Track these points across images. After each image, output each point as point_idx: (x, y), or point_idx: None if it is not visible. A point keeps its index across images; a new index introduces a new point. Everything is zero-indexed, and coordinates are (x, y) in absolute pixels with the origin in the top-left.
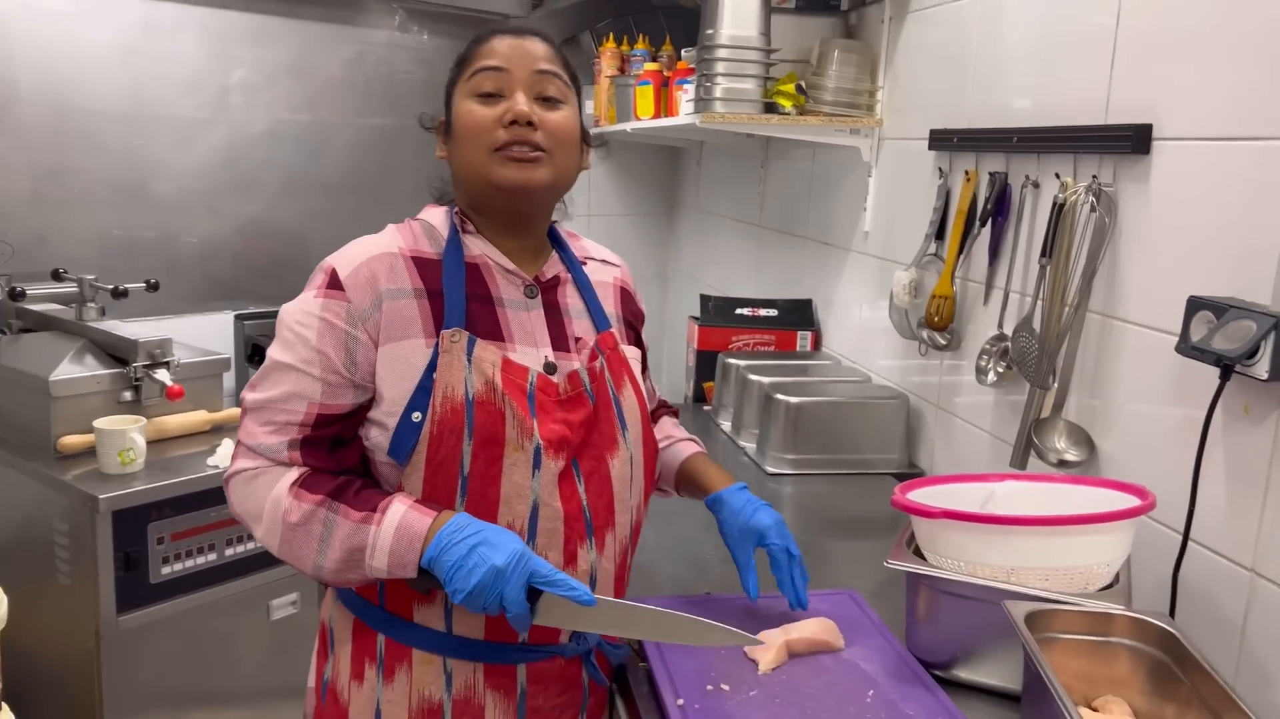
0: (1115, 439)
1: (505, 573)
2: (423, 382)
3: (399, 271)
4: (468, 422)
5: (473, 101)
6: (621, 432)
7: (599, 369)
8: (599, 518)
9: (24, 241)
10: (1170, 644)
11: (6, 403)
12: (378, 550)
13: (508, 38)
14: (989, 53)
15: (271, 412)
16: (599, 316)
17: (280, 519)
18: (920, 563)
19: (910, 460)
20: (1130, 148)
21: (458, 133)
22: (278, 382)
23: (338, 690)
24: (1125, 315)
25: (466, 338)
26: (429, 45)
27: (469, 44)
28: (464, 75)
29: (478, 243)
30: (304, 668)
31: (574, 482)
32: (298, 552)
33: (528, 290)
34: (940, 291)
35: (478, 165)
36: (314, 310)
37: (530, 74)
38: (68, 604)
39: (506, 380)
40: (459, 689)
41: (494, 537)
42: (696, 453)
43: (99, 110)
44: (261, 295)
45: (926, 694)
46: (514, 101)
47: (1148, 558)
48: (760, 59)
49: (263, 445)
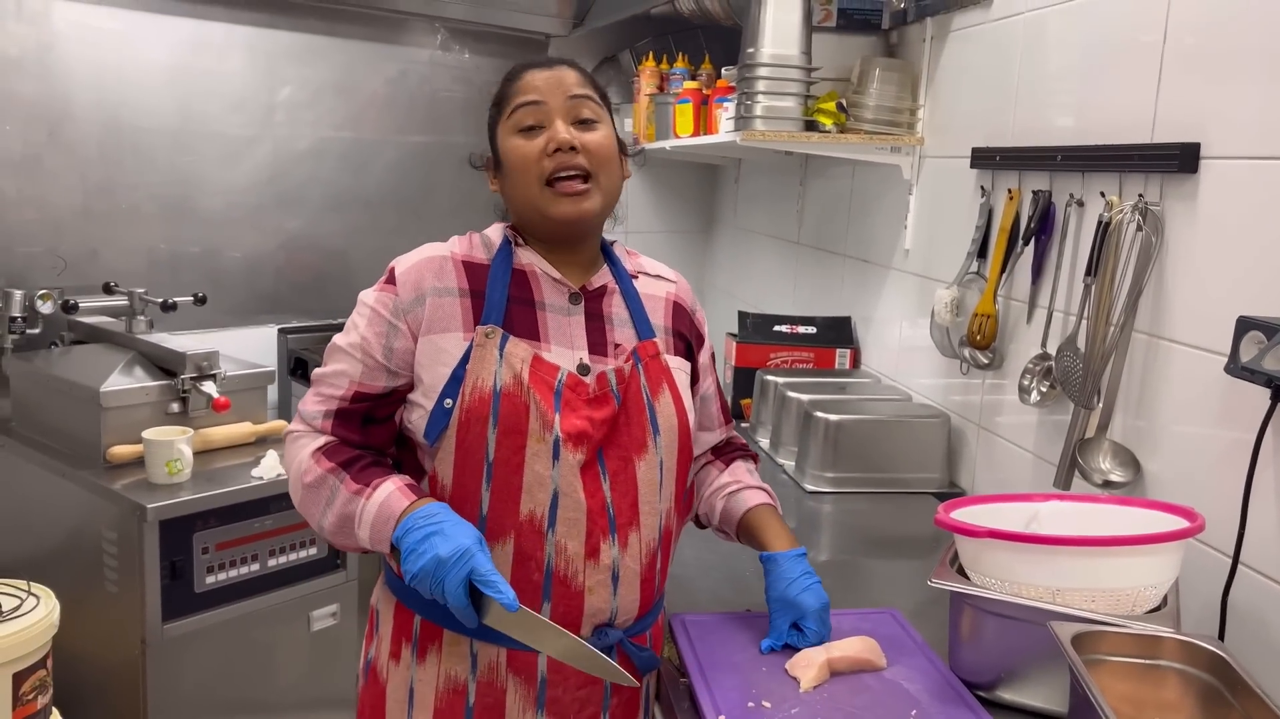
0: (1162, 460)
1: (446, 564)
2: (456, 371)
3: (447, 272)
4: (493, 411)
5: (517, 137)
6: (653, 435)
7: (628, 372)
8: (623, 515)
9: (76, 255)
10: (1221, 668)
11: (58, 413)
12: (362, 522)
13: (539, 72)
14: (1032, 71)
15: (322, 384)
16: (643, 325)
17: (300, 478)
18: (965, 582)
19: (951, 480)
20: (1177, 166)
21: (507, 168)
22: (333, 359)
23: (378, 669)
24: (1172, 335)
25: (500, 334)
26: (470, 64)
27: (503, 84)
28: (504, 114)
29: (528, 253)
30: (344, 680)
31: (598, 477)
32: (308, 509)
33: (571, 298)
34: (982, 310)
35: (531, 198)
36: (369, 301)
37: (565, 101)
38: (115, 612)
39: (534, 376)
40: (483, 671)
41: (451, 529)
42: (763, 504)
43: (149, 127)
44: (304, 310)
45: (970, 715)
46: (554, 130)
47: (1195, 581)
48: (801, 77)
49: (307, 412)
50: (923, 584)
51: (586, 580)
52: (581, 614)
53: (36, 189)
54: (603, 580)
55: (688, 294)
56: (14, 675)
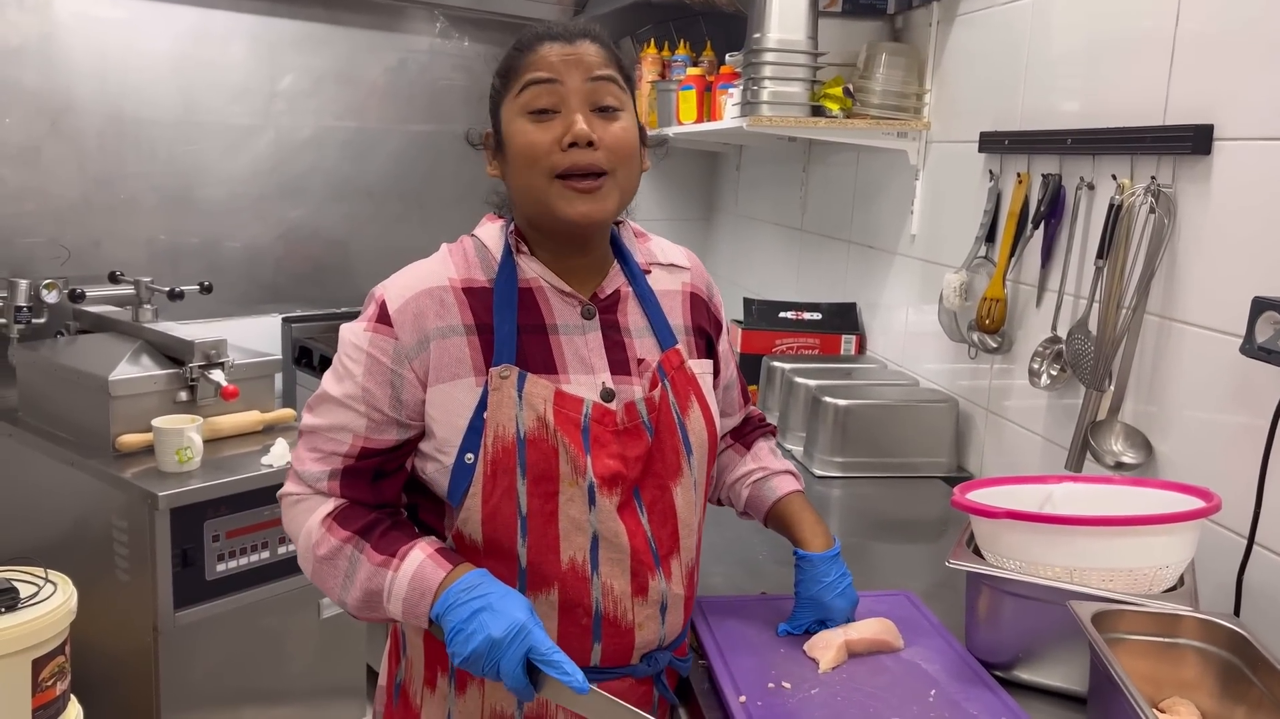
0: (1174, 441)
1: (502, 644)
2: (473, 422)
3: (449, 306)
4: (520, 460)
5: (525, 120)
6: (686, 457)
7: (658, 399)
8: (664, 546)
9: (78, 246)
10: (1240, 646)
11: (66, 402)
12: (393, 597)
13: (556, 44)
14: (1040, 54)
15: (319, 439)
16: (663, 333)
17: (311, 550)
18: (982, 563)
19: (959, 464)
20: (1190, 148)
21: (512, 155)
22: (328, 411)
23: (410, 694)
24: (1185, 317)
25: (516, 374)
26: (470, 51)
27: (512, 51)
28: (512, 89)
29: (533, 265)
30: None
31: (636, 514)
32: (325, 583)
33: (584, 312)
34: (991, 294)
35: (538, 192)
36: (362, 344)
37: (584, 83)
38: (126, 600)
39: (559, 415)
40: (531, 707)
41: (499, 603)
42: (793, 493)
43: (151, 118)
44: (305, 299)
45: (989, 694)
46: (572, 121)
47: (1210, 561)
48: (807, 62)
49: (307, 473)
50: (934, 567)
51: (636, 617)
52: (632, 649)
53: (39, 179)
54: (652, 614)
55: (703, 279)
56: (33, 662)
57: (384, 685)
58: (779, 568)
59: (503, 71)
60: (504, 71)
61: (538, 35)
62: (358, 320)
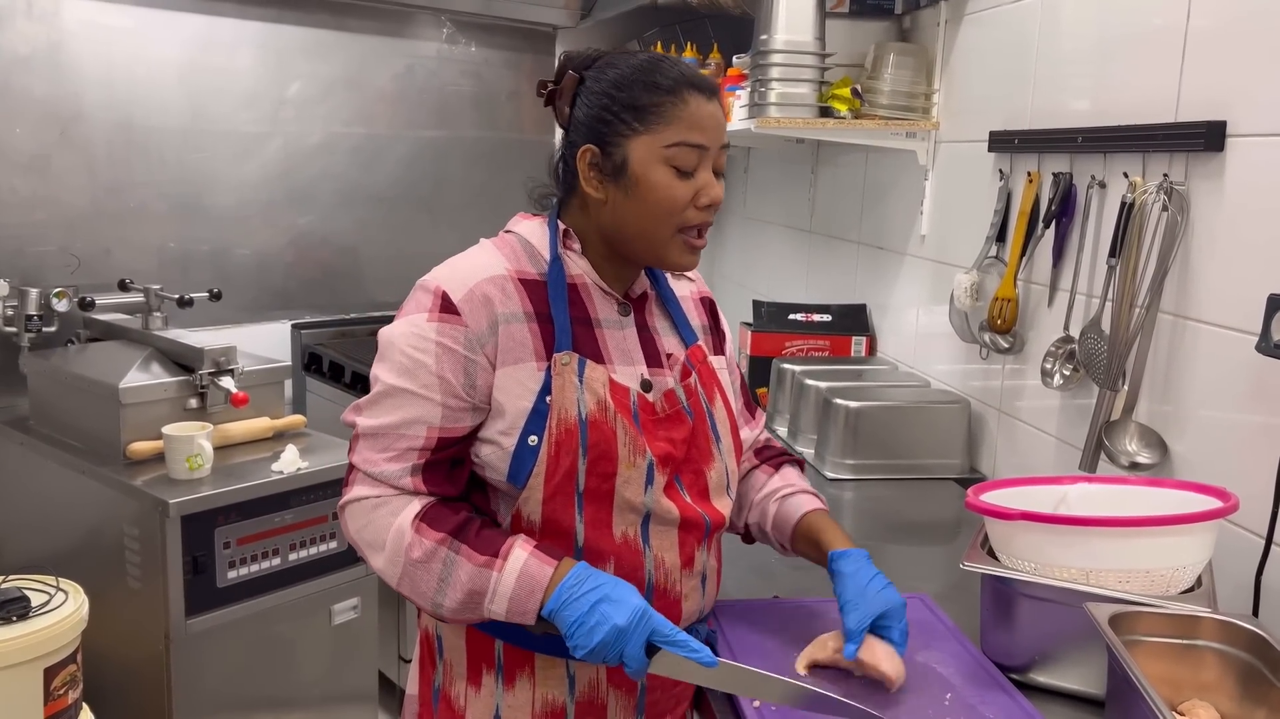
0: (1189, 441)
1: (627, 632)
2: (537, 405)
3: (510, 295)
4: (582, 440)
5: (666, 171)
6: (715, 443)
7: (694, 385)
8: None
9: (88, 254)
10: (1260, 647)
11: (76, 410)
12: (498, 596)
13: (703, 100)
14: (1050, 53)
15: (390, 438)
16: (685, 330)
17: (403, 553)
18: (997, 565)
19: (972, 465)
20: (1203, 145)
21: (643, 197)
22: (395, 407)
23: (452, 698)
24: (1199, 315)
25: (577, 359)
26: (478, 57)
27: (655, 92)
28: (655, 132)
29: (579, 262)
30: (365, 673)
31: (678, 492)
32: (418, 588)
33: (621, 309)
34: (1003, 294)
35: (657, 240)
36: (429, 334)
37: (718, 150)
38: (138, 607)
39: (615, 400)
40: (582, 690)
41: (614, 591)
42: (819, 509)
43: (159, 125)
44: (316, 305)
45: (1005, 697)
46: (709, 184)
47: (1227, 562)
48: (815, 63)
49: (384, 472)
50: (948, 569)
51: (683, 588)
52: (680, 619)
53: (48, 188)
54: (695, 586)
55: (706, 288)
56: (45, 670)
57: (416, 694)
58: (792, 572)
59: (639, 109)
60: (641, 108)
61: (684, 82)
62: (413, 314)
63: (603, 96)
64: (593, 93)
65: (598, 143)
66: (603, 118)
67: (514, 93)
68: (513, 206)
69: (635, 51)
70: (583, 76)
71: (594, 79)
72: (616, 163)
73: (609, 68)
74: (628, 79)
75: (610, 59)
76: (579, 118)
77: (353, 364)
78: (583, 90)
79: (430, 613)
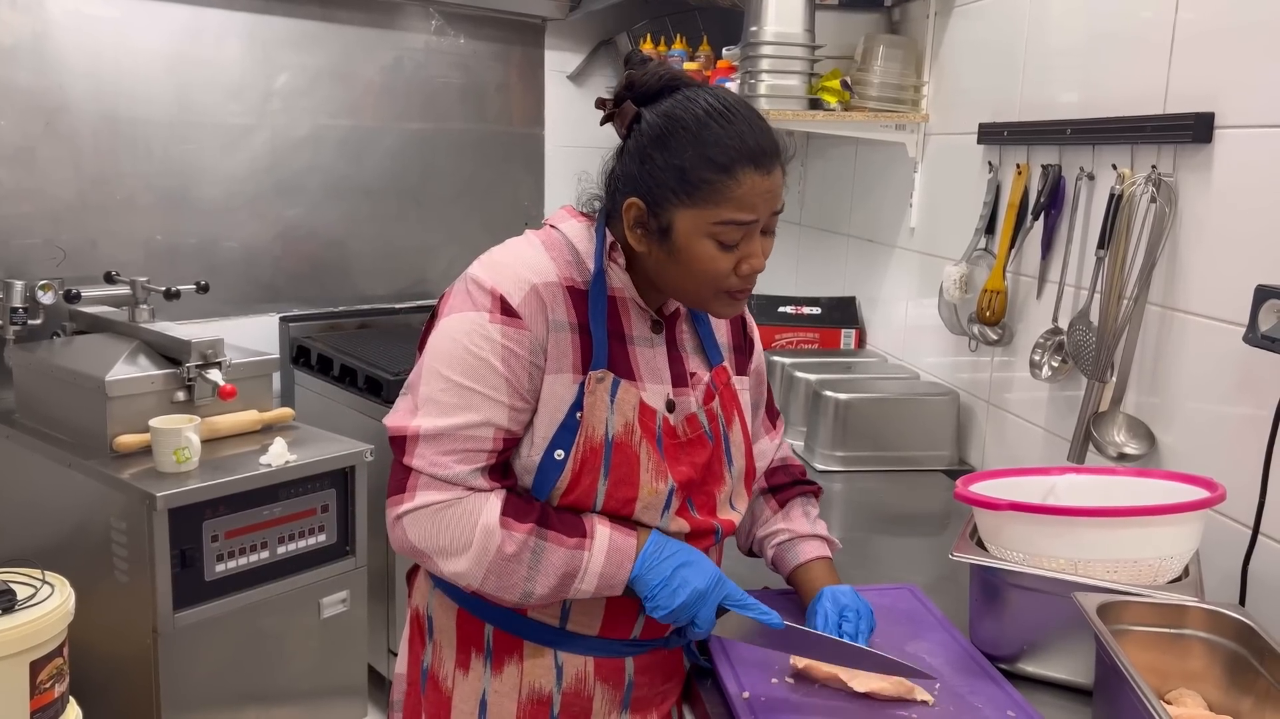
0: (1177, 432)
1: (706, 595)
2: (567, 420)
3: (559, 303)
4: (605, 461)
5: (714, 246)
6: (728, 467)
7: (715, 410)
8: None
9: (74, 246)
10: (1247, 636)
11: (62, 403)
12: (588, 574)
13: (759, 176)
14: (1039, 46)
15: (457, 439)
16: (712, 351)
17: (495, 551)
18: (986, 555)
19: (961, 457)
20: (1192, 137)
21: (684, 263)
22: (462, 408)
23: (440, 678)
24: (1187, 307)
25: (611, 379)
26: (466, 49)
27: (712, 168)
28: (706, 211)
29: (620, 276)
30: (354, 666)
31: (690, 513)
32: (506, 581)
33: (654, 326)
34: (992, 286)
35: (699, 298)
36: (494, 336)
37: (768, 216)
38: (125, 601)
39: (642, 424)
40: (569, 682)
41: (690, 556)
42: (818, 559)
43: (146, 117)
44: (304, 298)
45: (993, 687)
46: (752, 255)
47: (1214, 552)
48: (805, 55)
49: (456, 474)
50: (937, 560)
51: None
52: (670, 626)
53: (34, 180)
54: None
55: None
56: (31, 664)
57: (403, 674)
58: None
59: (690, 181)
60: (692, 184)
61: (742, 158)
62: (470, 312)
63: (655, 152)
64: (646, 141)
65: (645, 199)
66: (653, 175)
67: (502, 85)
68: (501, 198)
69: (700, 91)
70: (640, 112)
71: (647, 122)
72: (662, 225)
73: (667, 116)
74: (683, 141)
75: (673, 105)
76: (631, 158)
77: (341, 357)
78: (638, 130)
79: (515, 603)
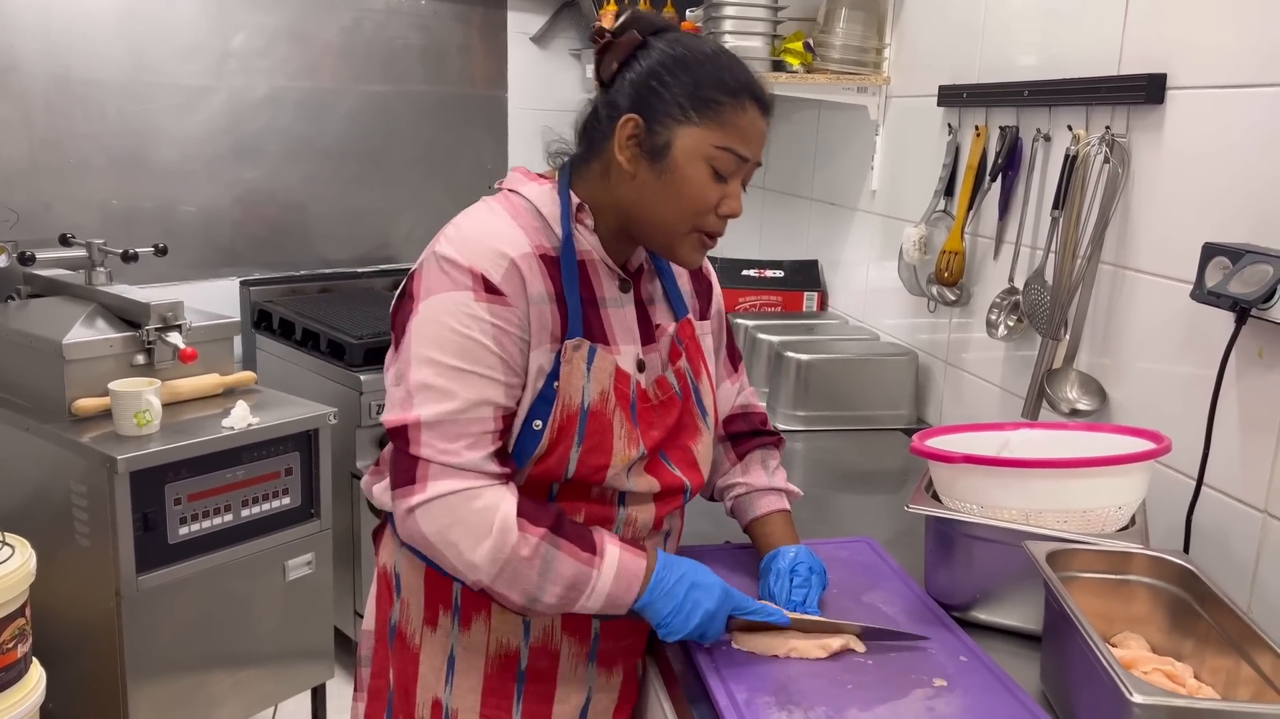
0: (1127, 388)
1: (717, 614)
2: (543, 390)
3: (535, 274)
4: (580, 429)
5: (707, 172)
6: (702, 418)
7: (684, 368)
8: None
9: (27, 209)
10: (1189, 581)
11: (19, 367)
12: (595, 593)
13: (761, 119)
14: (998, 8)
15: (460, 424)
16: (677, 303)
17: (511, 550)
18: (940, 507)
19: (919, 416)
20: (1144, 98)
21: (674, 185)
22: (458, 390)
23: (407, 635)
24: (1138, 265)
25: (588, 348)
26: (427, 10)
27: (723, 89)
28: (709, 131)
29: (589, 238)
30: (320, 628)
31: (664, 468)
32: (518, 583)
33: (622, 285)
34: (950, 247)
35: (671, 233)
36: (482, 315)
37: (753, 167)
38: (88, 565)
39: (617, 390)
40: (536, 636)
41: (696, 575)
42: (774, 513)
43: (98, 78)
44: (262, 262)
45: (947, 633)
46: (734, 196)
47: (1160, 503)
48: (768, 17)
49: (469, 461)
50: (896, 515)
51: (646, 545)
52: None
53: None
54: (658, 543)
55: None
56: None
57: (371, 630)
58: None
59: (700, 97)
60: (702, 100)
61: (749, 89)
62: (452, 292)
63: (665, 72)
64: (654, 63)
65: (644, 116)
66: (659, 93)
67: (464, 46)
68: (463, 161)
69: (705, 38)
70: (646, 40)
71: (658, 49)
72: (658, 143)
73: (677, 44)
74: (696, 63)
75: (681, 36)
76: (630, 81)
77: (303, 321)
78: (642, 54)
79: (519, 607)
